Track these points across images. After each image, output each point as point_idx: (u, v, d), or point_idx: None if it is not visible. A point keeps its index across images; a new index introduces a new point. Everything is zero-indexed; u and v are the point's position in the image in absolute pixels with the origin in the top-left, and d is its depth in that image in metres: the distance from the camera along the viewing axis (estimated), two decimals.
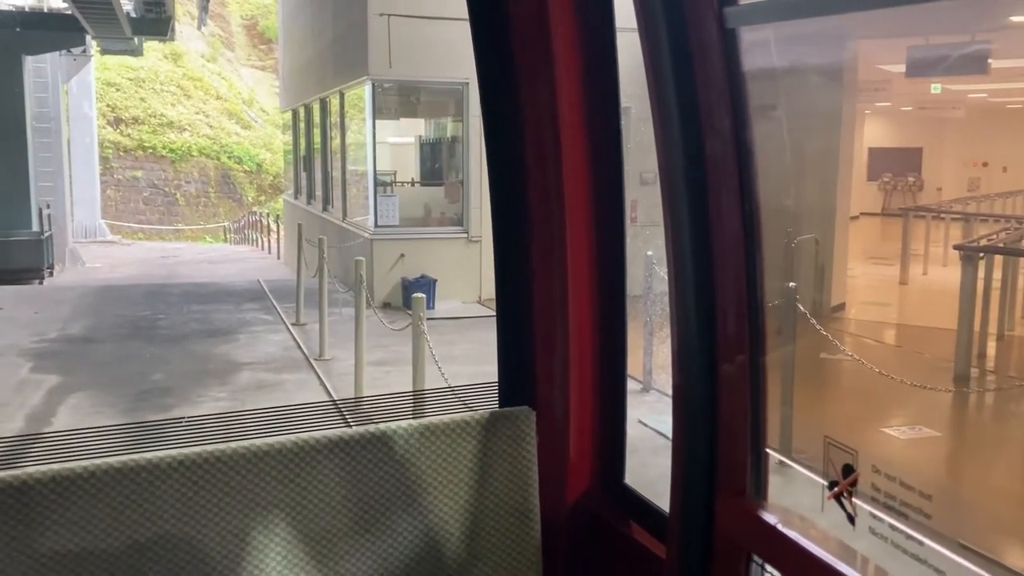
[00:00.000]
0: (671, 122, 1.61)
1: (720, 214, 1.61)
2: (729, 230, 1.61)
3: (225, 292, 15.52)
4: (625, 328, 2.10)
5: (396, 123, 16.02)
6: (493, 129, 2.14)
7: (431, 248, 13.89)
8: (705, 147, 1.60)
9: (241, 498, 1.82)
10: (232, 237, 35.32)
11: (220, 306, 13.89)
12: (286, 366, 9.93)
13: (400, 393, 2.17)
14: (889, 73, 15.25)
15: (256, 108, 43.74)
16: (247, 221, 33.87)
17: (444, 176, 15.53)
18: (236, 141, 40.07)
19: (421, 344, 5.94)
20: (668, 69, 1.58)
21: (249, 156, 39.78)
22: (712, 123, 1.58)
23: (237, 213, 37.30)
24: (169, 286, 16.69)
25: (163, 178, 37.87)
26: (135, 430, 1.91)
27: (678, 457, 1.73)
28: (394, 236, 13.84)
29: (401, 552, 1.94)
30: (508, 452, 2.05)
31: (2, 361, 10.10)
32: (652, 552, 1.90)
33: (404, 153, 16.03)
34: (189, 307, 13.82)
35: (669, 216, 1.66)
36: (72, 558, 1.71)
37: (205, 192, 38.55)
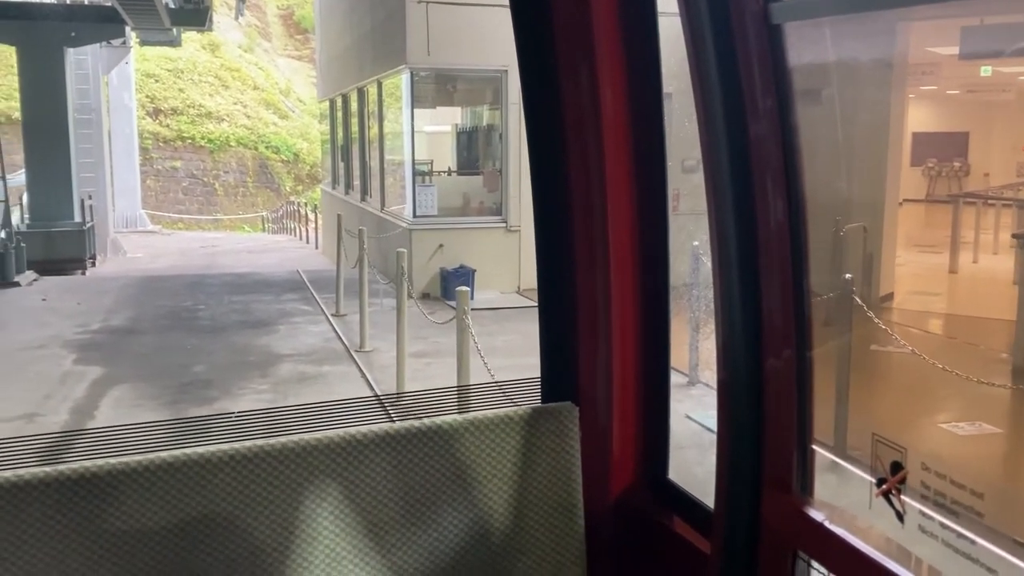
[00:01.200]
0: (715, 112, 1.58)
1: (765, 204, 1.58)
2: (775, 220, 1.58)
3: (265, 282, 15.56)
4: (668, 321, 2.07)
5: (432, 112, 15.92)
6: (534, 119, 2.11)
7: (469, 238, 13.79)
8: (749, 137, 1.57)
9: (290, 492, 1.85)
10: (270, 227, 35.55)
11: (260, 297, 13.91)
12: (327, 358, 9.90)
13: (442, 388, 2.16)
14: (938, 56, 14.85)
15: (293, 98, 43.92)
16: (285, 211, 34.06)
17: (481, 165, 15.41)
18: (273, 131, 40.28)
19: (466, 338, 5.83)
20: (712, 65, 1.56)
21: (286, 146, 39.98)
22: (756, 112, 1.56)
23: (275, 203, 37.52)
24: (209, 276, 16.78)
25: (202, 168, 38.18)
26: (186, 425, 1.93)
27: (723, 452, 1.72)
28: (433, 226, 13.76)
29: (447, 545, 1.96)
30: (552, 447, 2.04)
31: (46, 353, 10.18)
32: (696, 547, 1.89)
33: (440, 142, 15.92)
34: (229, 298, 13.86)
35: (713, 207, 1.63)
36: (127, 551, 1.74)
37: (243, 182, 38.82)
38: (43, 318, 12.32)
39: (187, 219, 36.49)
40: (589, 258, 2.07)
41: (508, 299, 13.11)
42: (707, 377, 8.29)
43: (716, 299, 1.67)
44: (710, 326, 8.88)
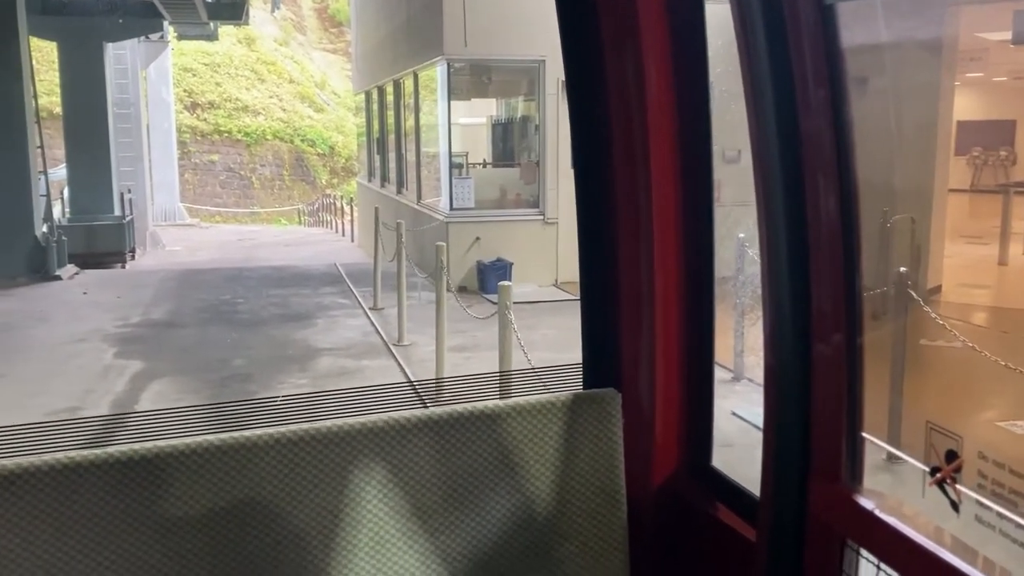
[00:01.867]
0: (764, 98, 1.56)
1: (816, 192, 1.56)
2: (825, 208, 1.56)
3: (303, 276, 15.58)
4: (713, 309, 2.06)
5: (467, 103, 15.82)
6: (578, 108, 2.11)
7: (506, 230, 13.69)
8: (800, 123, 1.55)
9: (334, 475, 1.87)
10: (306, 220, 35.74)
11: (298, 290, 13.93)
12: (365, 352, 9.86)
13: (483, 374, 2.15)
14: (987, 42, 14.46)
15: (328, 91, 44.09)
16: (321, 204, 34.21)
17: (516, 157, 15.29)
18: (309, 124, 40.47)
19: (508, 334, 5.73)
20: (762, 48, 1.54)
21: (322, 139, 40.16)
22: (807, 98, 1.53)
23: (311, 196, 37.71)
24: (247, 270, 16.85)
25: (239, 161, 38.47)
26: (231, 409, 1.96)
27: (769, 439, 1.70)
28: (469, 219, 13.67)
29: (490, 529, 1.97)
30: (593, 434, 2.04)
31: (87, 346, 10.25)
32: (741, 535, 1.88)
33: (475, 134, 15.83)
34: (268, 291, 13.89)
35: (762, 195, 1.61)
36: (176, 532, 1.77)
37: (280, 175, 39.06)
38: (84, 312, 12.42)
39: (224, 212, 36.79)
40: (632, 244, 2.05)
41: (546, 292, 12.98)
42: (752, 372, 8.11)
43: (764, 284, 1.64)
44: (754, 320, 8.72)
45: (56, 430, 1.80)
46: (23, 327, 11.41)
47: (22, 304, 13.04)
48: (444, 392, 2.14)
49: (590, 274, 2.16)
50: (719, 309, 2.00)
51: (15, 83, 14.99)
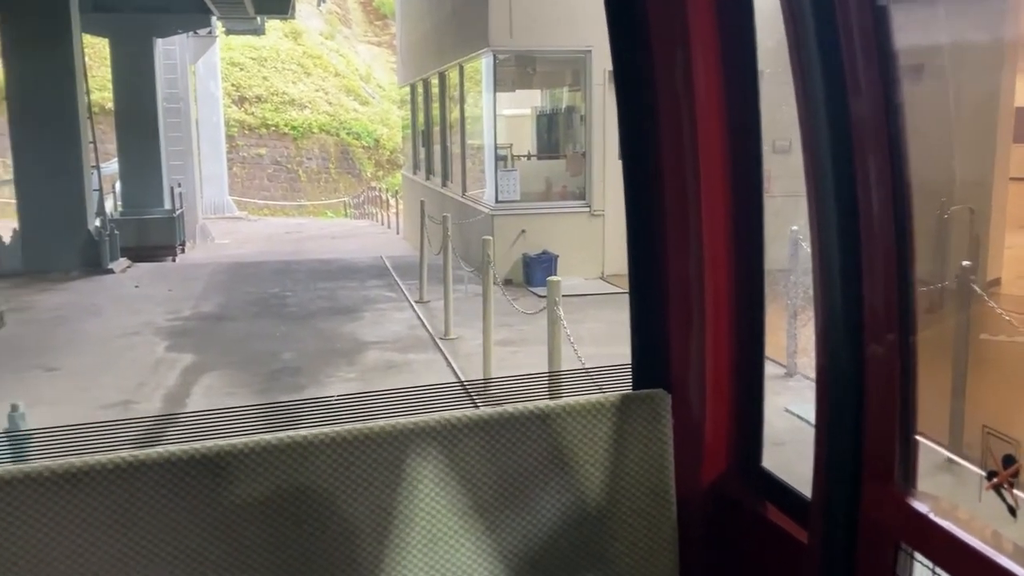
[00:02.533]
0: (815, 91, 1.53)
1: (867, 186, 1.53)
2: (877, 202, 1.53)
3: (349, 269, 15.66)
4: (763, 306, 2.04)
5: (512, 95, 15.72)
6: (625, 100, 2.08)
7: (552, 223, 13.59)
8: (851, 117, 1.51)
9: (386, 474, 1.89)
10: (352, 212, 35.97)
11: (345, 283, 13.99)
12: (412, 346, 9.86)
13: (532, 374, 2.16)
14: None
15: (373, 84, 44.29)
16: (366, 196, 34.40)
17: (561, 148, 15.18)
18: (354, 117, 40.70)
19: (557, 330, 5.66)
20: (811, 33, 1.50)
21: (367, 132, 40.36)
22: (859, 91, 1.49)
23: (356, 188, 37.95)
24: (295, 263, 16.98)
25: (285, 155, 38.83)
26: (286, 409, 1.99)
27: (821, 440, 1.68)
28: (515, 211, 13.60)
29: (540, 528, 1.98)
30: (643, 434, 2.05)
31: (140, 340, 10.40)
32: (792, 536, 1.87)
33: (520, 125, 15.72)
34: (316, 284, 13.97)
35: (813, 189, 1.58)
36: (234, 529, 1.80)
37: (326, 168, 39.36)
38: (136, 305, 12.61)
39: (272, 205, 37.19)
40: (682, 242, 2.03)
41: (592, 285, 12.88)
42: (806, 368, 7.94)
43: (815, 283, 1.62)
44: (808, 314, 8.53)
45: (118, 429, 1.85)
46: (77, 320, 11.62)
47: (76, 297, 13.28)
48: (494, 392, 2.15)
49: (639, 273, 2.15)
50: (771, 304, 2.01)
51: (69, 79, 15.25)
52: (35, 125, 14.96)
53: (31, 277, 14.66)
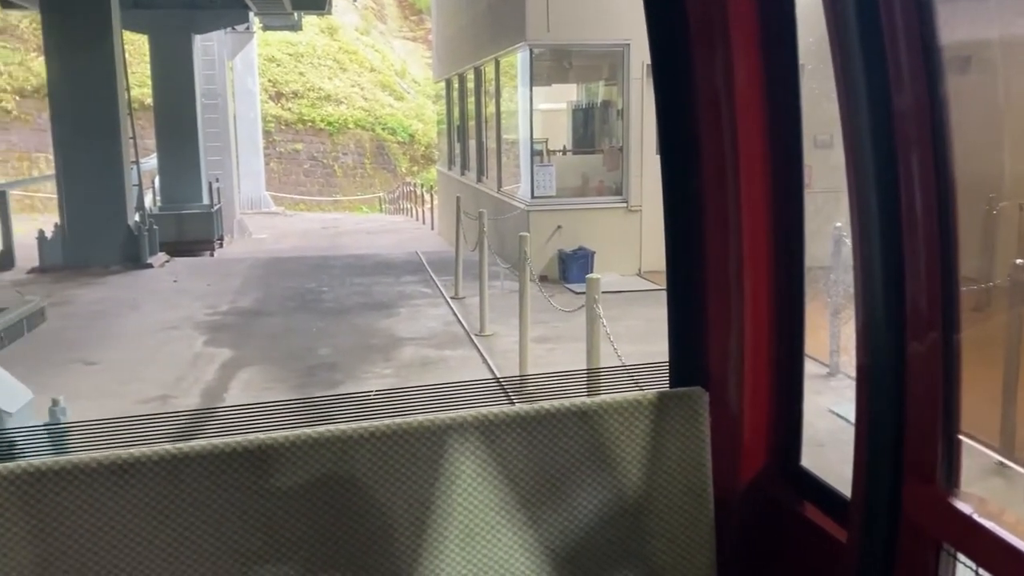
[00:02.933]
0: (856, 85, 1.50)
1: (910, 181, 1.51)
2: (921, 197, 1.51)
3: (385, 264, 15.67)
4: (803, 303, 2.03)
5: (547, 89, 15.63)
6: (664, 94, 2.07)
7: (588, 219, 13.48)
8: (894, 111, 1.49)
9: (426, 468, 1.91)
10: (387, 207, 36.07)
11: (381, 279, 14.00)
12: (447, 342, 9.82)
13: (569, 371, 2.15)
14: None
15: (408, 79, 44.37)
16: (401, 191, 34.48)
17: (596, 143, 15.05)
18: (389, 112, 40.80)
19: (596, 328, 5.58)
20: (853, 25, 1.48)
21: (402, 127, 40.44)
22: (901, 85, 1.47)
23: (391, 183, 38.06)
24: (331, 258, 17.03)
25: (321, 150, 39.05)
26: (327, 403, 2.01)
27: (861, 438, 1.66)
28: (551, 207, 13.51)
29: (577, 525, 1.99)
30: (681, 432, 2.04)
31: (179, 334, 10.47)
32: (831, 536, 1.86)
33: (555, 120, 15.62)
34: (351, 279, 14.00)
35: (854, 184, 1.56)
36: (275, 521, 1.83)
37: (361, 163, 39.52)
38: (175, 299, 12.72)
39: (308, 200, 37.41)
40: (721, 239, 2.02)
41: (629, 282, 12.76)
42: (848, 367, 7.78)
43: (856, 280, 1.60)
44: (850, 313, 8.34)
45: (163, 422, 1.89)
46: (116, 315, 11.74)
47: (115, 292, 13.42)
48: (531, 388, 2.24)
49: (677, 270, 2.14)
50: (812, 302, 1.97)
51: (109, 76, 15.40)
52: (76, 121, 15.14)
53: (72, 271, 14.86)
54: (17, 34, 35.77)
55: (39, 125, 31.64)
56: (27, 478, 1.71)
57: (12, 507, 1.70)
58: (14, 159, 34.38)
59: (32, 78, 33.50)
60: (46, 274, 14.86)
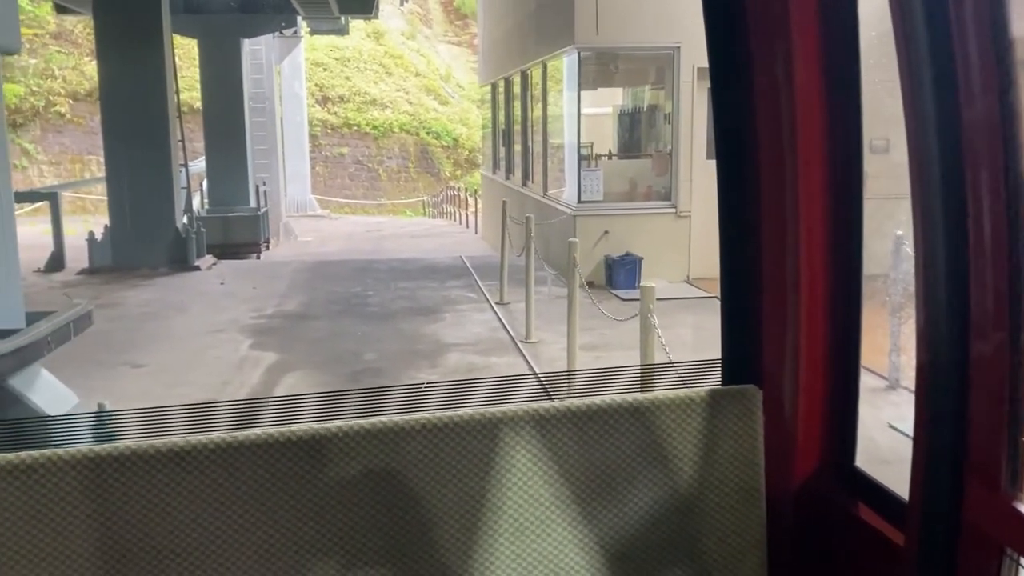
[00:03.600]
0: (922, 85, 1.46)
1: (977, 183, 1.47)
2: (988, 200, 1.46)
3: (429, 268, 15.61)
4: (860, 304, 2.00)
5: (592, 93, 15.45)
6: (721, 94, 2.06)
7: (636, 224, 13.27)
8: (962, 114, 1.44)
9: (478, 462, 1.91)
10: (430, 211, 36.13)
11: (425, 283, 13.93)
12: (493, 348, 9.70)
13: (620, 368, 2.13)
14: None
15: (452, 83, 44.46)
16: (445, 195, 34.50)
17: (643, 148, 14.84)
18: (434, 117, 40.90)
19: (651, 338, 5.40)
20: (921, 28, 1.44)
21: (446, 131, 40.52)
22: (970, 84, 1.43)
23: (435, 187, 38.13)
24: (376, 262, 17.02)
25: (366, 154, 39.25)
26: (379, 394, 2.02)
27: (920, 439, 1.62)
28: (598, 212, 13.32)
29: (627, 522, 1.99)
30: (734, 430, 2.03)
31: (225, 337, 10.47)
32: (888, 538, 1.82)
33: (600, 124, 15.44)
34: (396, 283, 13.94)
35: (917, 186, 1.54)
36: (328, 512, 1.84)
37: (405, 167, 39.65)
38: (221, 302, 12.76)
39: (353, 204, 37.63)
40: (777, 236, 2.00)
41: (677, 289, 12.52)
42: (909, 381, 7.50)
43: (918, 281, 1.58)
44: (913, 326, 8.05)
45: (220, 410, 1.92)
46: (164, 317, 11.80)
47: (163, 294, 13.52)
48: (581, 385, 2.15)
49: (731, 267, 2.12)
50: (873, 312, 1.86)
51: (159, 79, 15.56)
52: (127, 124, 15.30)
53: (121, 273, 15.01)
54: (72, 39, 36.49)
55: (91, 128, 32.23)
56: (88, 463, 1.74)
57: (74, 491, 1.73)
58: (67, 161, 35.07)
59: (85, 82, 34.12)
60: (95, 275, 15.03)
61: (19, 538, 1.70)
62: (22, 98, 34.91)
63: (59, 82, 35.75)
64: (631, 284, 12.76)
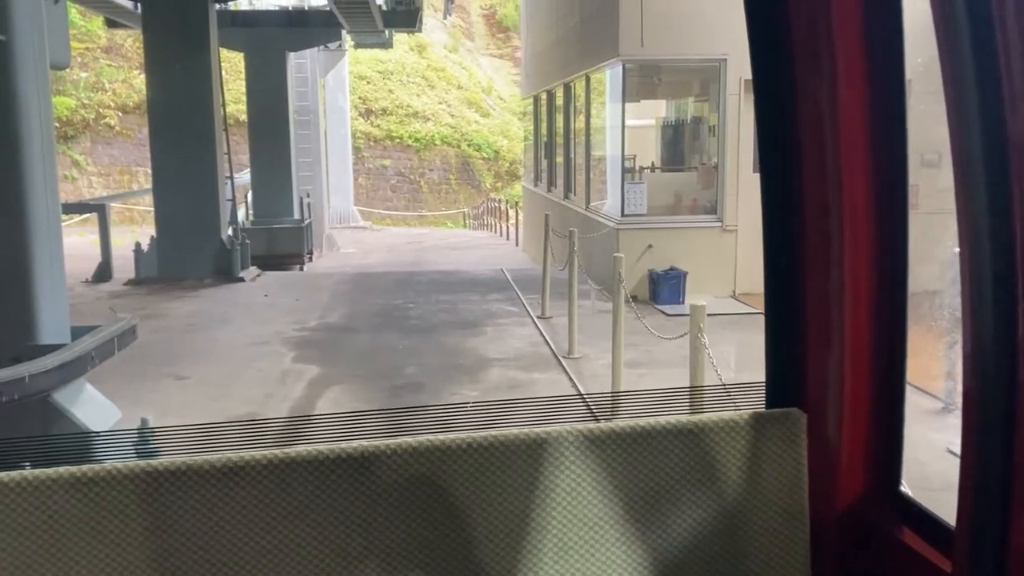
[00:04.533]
0: (967, 98, 1.41)
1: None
2: None
3: (471, 281, 15.56)
4: (906, 324, 1.97)
5: (635, 105, 15.33)
6: (764, 108, 2.04)
7: (681, 238, 13.09)
8: (1008, 128, 1.39)
9: (523, 481, 1.91)
10: (471, 223, 36.17)
11: (467, 296, 13.87)
12: (535, 364, 9.59)
13: (662, 390, 2.13)
14: None
15: (494, 96, 44.57)
16: (485, 207, 34.52)
17: (686, 160, 14.66)
18: (475, 129, 41.01)
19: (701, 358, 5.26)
20: (965, 40, 1.39)
21: (487, 143, 40.59)
22: (1016, 99, 1.38)
23: (475, 199, 38.19)
24: (418, 274, 17.02)
25: (408, 166, 39.44)
26: (426, 413, 2.08)
27: (967, 464, 1.57)
28: (641, 225, 13.16)
29: (670, 543, 1.99)
30: (777, 454, 2.02)
31: (268, 350, 10.49)
32: (934, 564, 1.78)
33: (642, 136, 15.30)
34: (437, 296, 13.91)
35: (963, 201, 1.49)
36: (376, 528, 1.86)
37: (446, 179, 39.77)
38: (264, 314, 12.82)
39: (394, 215, 37.81)
40: (822, 257, 1.98)
41: (722, 304, 12.31)
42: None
43: (964, 300, 1.52)
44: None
45: (270, 427, 1.96)
46: (208, 329, 11.87)
47: (207, 306, 13.61)
48: (624, 406, 2.16)
49: (775, 288, 2.11)
50: (925, 332, 1.76)
51: (206, 92, 15.73)
52: (174, 136, 15.48)
53: (166, 284, 15.17)
54: (122, 52, 37.22)
55: (139, 140, 32.80)
56: (145, 477, 1.78)
57: (131, 504, 1.78)
58: (116, 173, 35.71)
59: (134, 94, 34.75)
60: (142, 286, 15.21)
61: (79, 549, 1.74)
62: (73, 110, 35.66)
63: (109, 95, 36.45)
64: (675, 299, 12.57)
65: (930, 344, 7.52)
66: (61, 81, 35.98)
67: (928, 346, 7.74)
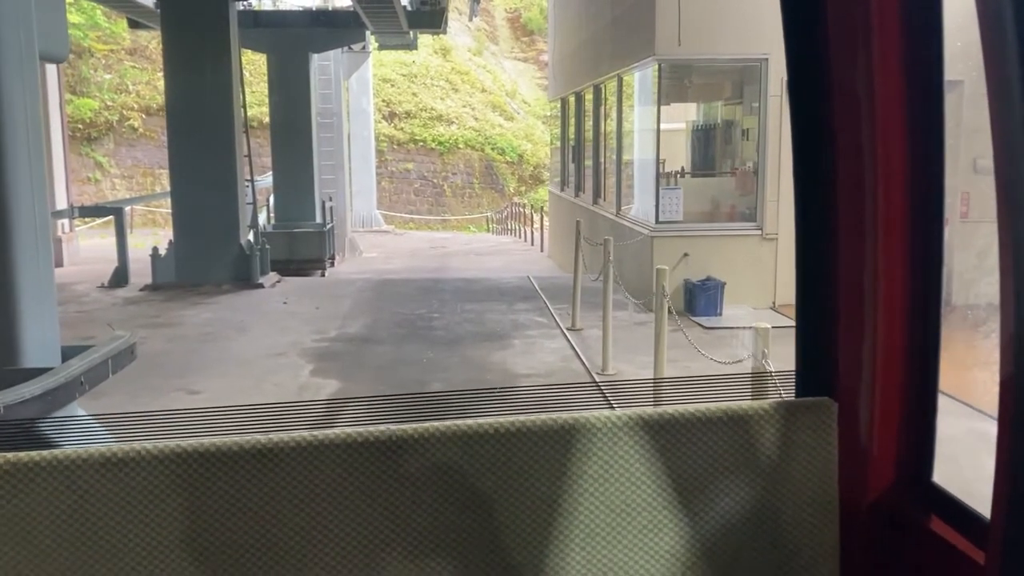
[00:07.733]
0: (1011, 104, 1.35)
1: None
2: None
3: (496, 289, 15.03)
4: (940, 316, 1.96)
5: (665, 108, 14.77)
6: (800, 105, 2.04)
7: (718, 246, 12.51)
8: None
9: (550, 467, 1.92)
10: (494, 227, 35.74)
11: (493, 305, 13.35)
12: (567, 380, 9.03)
13: (690, 378, 2.07)
14: None
15: (518, 99, 44.16)
16: (509, 211, 34.08)
17: (717, 165, 14.06)
18: (499, 133, 40.60)
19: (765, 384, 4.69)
20: (1012, 43, 1.33)
21: (511, 147, 40.18)
22: None
23: (499, 203, 37.77)
24: (442, 281, 16.52)
25: (432, 170, 39.06)
26: (454, 397, 2.02)
27: (1003, 455, 1.49)
28: (676, 232, 12.59)
29: (698, 532, 1.99)
30: (807, 443, 2.02)
31: (285, 362, 10.01)
32: (967, 556, 1.76)
33: (671, 140, 14.71)
34: (462, 305, 13.39)
35: (1003, 207, 1.42)
36: (404, 514, 1.87)
37: (470, 183, 39.36)
38: (283, 323, 12.35)
39: (417, 219, 37.44)
40: (855, 248, 1.97)
41: (761, 316, 11.69)
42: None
43: (1003, 293, 1.46)
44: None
45: (301, 410, 1.95)
46: (224, 338, 11.41)
47: (225, 313, 13.17)
48: (653, 394, 2.13)
49: (807, 279, 2.10)
50: (993, 348, 1.66)
51: (227, 94, 15.34)
52: (193, 138, 15.10)
53: (183, 290, 14.75)
54: (146, 54, 37.08)
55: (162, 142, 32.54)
56: (175, 458, 1.79)
57: (161, 485, 1.78)
58: (139, 175, 35.57)
59: (158, 96, 34.55)
60: (158, 292, 14.81)
61: (110, 529, 1.76)
62: (97, 112, 35.56)
63: (133, 96, 36.33)
64: (712, 311, 11.99)
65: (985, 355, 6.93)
66: (85, 83, 35.90)
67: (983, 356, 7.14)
